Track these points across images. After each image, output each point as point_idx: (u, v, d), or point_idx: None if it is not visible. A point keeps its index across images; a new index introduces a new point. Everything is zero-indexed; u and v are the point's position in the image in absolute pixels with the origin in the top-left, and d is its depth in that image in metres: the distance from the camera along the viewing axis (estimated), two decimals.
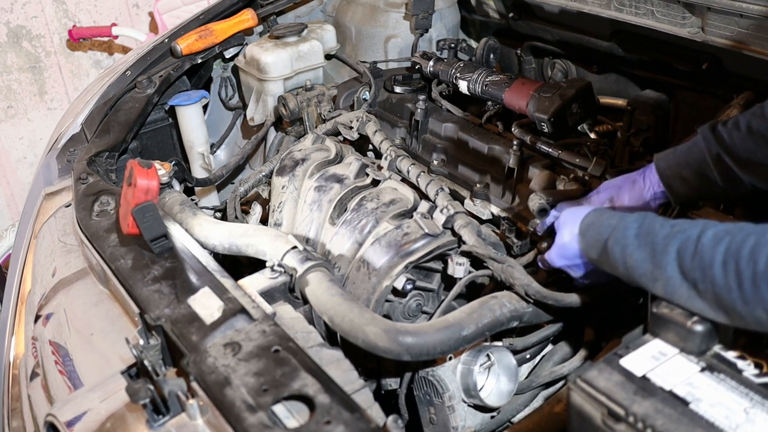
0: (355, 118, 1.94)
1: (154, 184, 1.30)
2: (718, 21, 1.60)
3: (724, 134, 1.19)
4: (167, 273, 1.31)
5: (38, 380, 1.40)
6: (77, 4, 3.56)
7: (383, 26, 2.30)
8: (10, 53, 3.46)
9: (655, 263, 0.98)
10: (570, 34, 2.02)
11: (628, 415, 0.88)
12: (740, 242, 0.88)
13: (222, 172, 2.17)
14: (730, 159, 1.18)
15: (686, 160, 1.24)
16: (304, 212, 1.69)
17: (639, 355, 0.97)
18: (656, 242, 0.98)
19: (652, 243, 0.99)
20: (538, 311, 1.32)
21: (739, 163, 1.17)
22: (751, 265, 0.86)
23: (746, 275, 0.86)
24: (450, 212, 1.48)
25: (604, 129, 1.97)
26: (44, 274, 1.60)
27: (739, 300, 0.87)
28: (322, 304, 1.28)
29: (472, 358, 1.35)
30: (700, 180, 1.22)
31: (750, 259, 0.86)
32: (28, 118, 3.59)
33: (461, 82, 1.88)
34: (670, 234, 0.97)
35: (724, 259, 0.89)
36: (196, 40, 2.18)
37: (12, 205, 3.68)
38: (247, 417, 0.98)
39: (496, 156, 1.71)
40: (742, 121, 1.18)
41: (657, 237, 0.98)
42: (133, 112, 2.01)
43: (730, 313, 0.91)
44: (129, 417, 1.09)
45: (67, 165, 1.87)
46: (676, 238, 0.95)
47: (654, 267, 0.98)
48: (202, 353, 1.09)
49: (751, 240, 0.87)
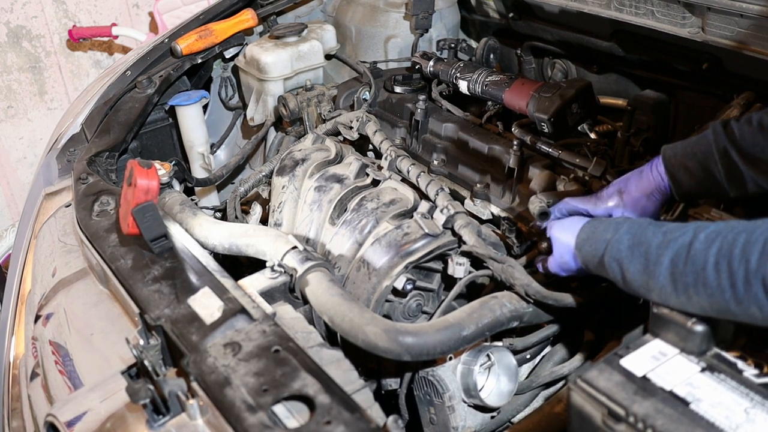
0: (355, 118, 1.94)
1: (154, 184, 1.30)
2: (718, 21, 1.60)
3: (735, 129, 1.19)
4: (167, 273, 1.31)
5: (38, 380, 1.40)
6: (77, 4, 3.56)
7: (383, 26, 2.30)
8: (10, 53, 3.46)
9: (648, 274, 0.99)
10: (570, 34, 2.02)
11: (629, 415, 0.88)
12: (731, 242, 0.89)
13: (222, 172, 2.17)
14: (736, 153, 1.18)
15: (692, 151, 1.24)
16: (304, 212, 1.69)
17: (639, 356, 0.97)
18: (649, 252, 1.00)
19: (645, 253, 1.00)
20: (538, 311, 1.32)
21: (745, 158, 1.17)
22: (744, 264, 0.86)
23: (739, 275, 0.87)
24: (450, 212, 1.48)
25: (604, 129, 1.97)
26: (44, 274, 1.60)
27: (732, 300, 0.88)
28: (322, 304, 1.28)
29: (473, 358, 1.35)
30: (703, 173, 1.22)
31: (742, 258, 0.87)
32: (28, 118, 3.59)
33: (461, 82, 1.88)
34: (662, 243, 0.98)
35: (716, 261, 0.89)
36: (196, 40, 2.18)
37: (12, 205, 3.68)
38: (248, 417, 0.98)
39: (496, 156, 1.71)
40: (755, 117, 1.18)
41: (650, 247, 1.00)
42: (133, 112, 2.01)
43: (724, 313, 0.92)
44: (129, 417, 1.09)
45: (67, 165, 1.87)
46: (669, 248, 0.97)
47: (648, 278, 0.99)
48: (202, 353, 1.09)
49: (741, 238, 0.88)
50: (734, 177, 1.20)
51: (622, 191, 1.32)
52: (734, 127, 1.19)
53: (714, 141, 1.21)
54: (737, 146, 1.18)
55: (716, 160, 1.20)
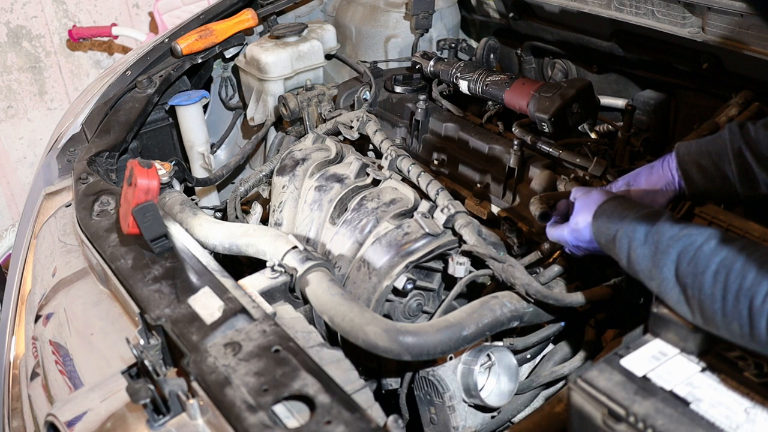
0: (355, 118, 1.94)
1: (154, 184, 1.30)
2: (719, 21, 1.60)
3: (752, 130, 1.19)
4: (167, 273, 1.31)
5: (38, 380, 1.40)
6: (77, 4, 3.56)
7: (383, 26, 2.30)
8: (10, 53, 3.46)
9: (654, 262, 0.99)
10: (570, 34, 2.02)
11: (629, 415, 0.88)
12: (736, 255, 0.89)
13: (222, 172, 2.17)
14: (751, 155, 1.18)
15: (707, 149, 1.24)
16: (305, 212, 1.69)
17: (639, 355, 0.97)
18: (660, 241, 0.99)
19: (656, 242, 1.00)
20: (538, 311, 1.32)
21: (759, 159, 1.17)
22: (739, 280, 0.87)
23: (732, 288, 0.87)
24: (451, 212, 1.48)
25: (605, 129, 1.97)
26: (44, 274, 1.60)
27: (719, 311, 0.89)
28: (322, 303, 1.28)
29: (473, 358, 1.35)
30: (716, 171, 1.22)
31: (740, 273, 0.87)
32: (28, 118, 3.59)
33: (462, 82, 1.88)
34: (676, 236, 0.98)
35: (717, 269, 0.90)
36: (197, 40, 2.18)
37: (12, 205, 3.68)
38: (248, 417, 0.98)
39: (497, 156, 1.71)
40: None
41: (663, 236, 0.99)
42: (133, 112, 2.01)
43: (709, 322, 0.92)
44: (129, 417, 1.09)
45: (67, 165, 1.87)
46: (681, 241, 0.96)
47: (653, 265, 0.99)
48: (202, 353, 1.09)
49: (744, 254, 0.88)
50: (747, 178, 1.20)
51: (631, 186, 1.32)
52: (750, 129, 1.20)
53: (729, 141, 1.21)
54: (752, 147, 1.18)
55: (730, 160, 1.20)
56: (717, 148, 1.23)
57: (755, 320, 0.84)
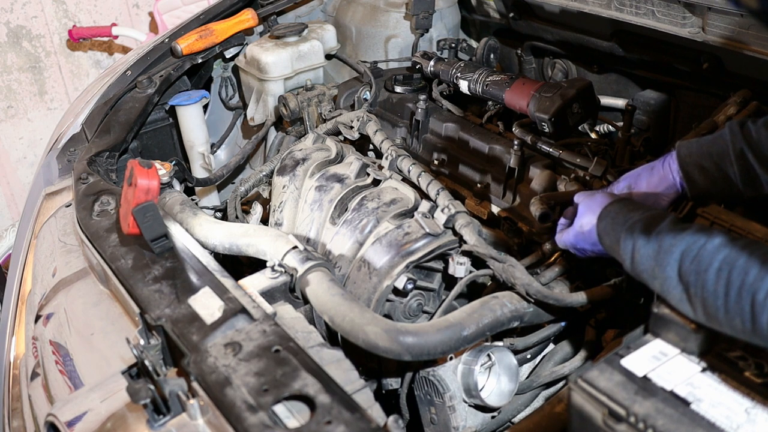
0: (355, 118, 1.94)
1: (154, 184, 1.30)
2: (719, 21, 1.60)
3: (752, 130, 1.19)
4: (168, 273, 1.31)
5: (39, 380, 1.40)
6: (77, 4, 3.56)
7: (383, 26, 2.30)
8: (10, 53, 3.46)
9: (657, 261, 0.99)
10: (570, 34, 2.02)
11: (629, 415, 0.88)
12: (739, 252, 0.89)
13: (222, 172, 2.16)
14: (753, 156, 1.18)
15: (708, 150, 1.23)
16: (305, 212, 1.68)
17: (640, 356, 0.97)
18: (664, 241, 0.99)
19: (660, 241, 1.00)
20: (539, 311, 1.32)
21: (761, 160, 1.17)
22: (742, 276, 0.87)
23: (735, 285, 0.88)
24: (451, 212, 1.48)
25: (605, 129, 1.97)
26: (44, 274, 1.60)
27: (722, 307, 0.89)
28: (322, 303, 1.28)
29: (473, 358, 1.35)
30: (719, 173, 1.22)
31: (743, 270, 0.87)
32: (28, 118, 3.59)
33: (462, 82, 1.88)
34: (678, 236, 0.98)
35: (720, 266, 0.90)
36: (197, 40, 2.18)
37: (12, 205, 3.68)
38: (248, 417, 0.98)
39: (497, 156, 1.71)
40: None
41: (666, 236, 0.99)
42: (133, 112, 2.01)
43: (711, 318, 0.92)
44: (129, 417, 1.09)
45: (67, 165, 1.87)
46: (684, 241, 0.96)
47: (656, 264, 0.99)
48: (202, 353, 1.09)
49: (747, 252, 0.89)
50: (749, 179, 1.19)
51: (632, 187, 1.32)
52: (751, 129, 1.19)
53: (731, 142, 1.20)
54: (754, 148, 1.18)
55: (732, 161, 1.20)
56: (718, 149, 1.22)
57: (758, 315, 0.85)
